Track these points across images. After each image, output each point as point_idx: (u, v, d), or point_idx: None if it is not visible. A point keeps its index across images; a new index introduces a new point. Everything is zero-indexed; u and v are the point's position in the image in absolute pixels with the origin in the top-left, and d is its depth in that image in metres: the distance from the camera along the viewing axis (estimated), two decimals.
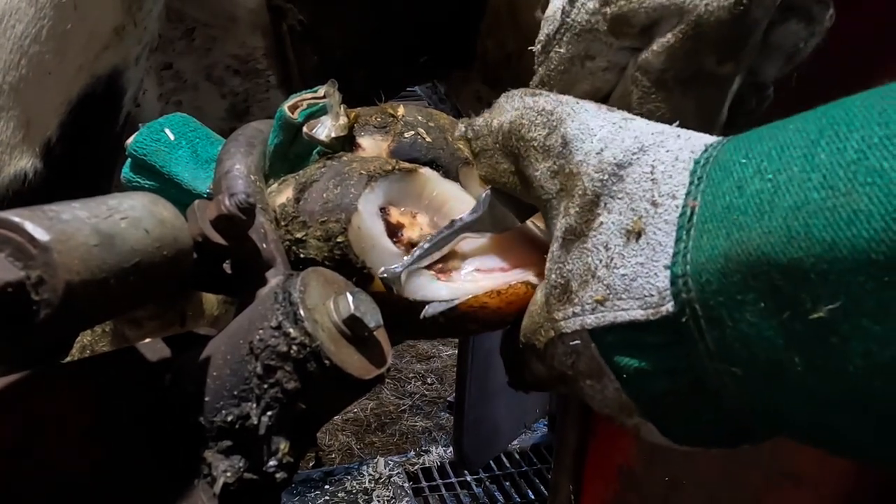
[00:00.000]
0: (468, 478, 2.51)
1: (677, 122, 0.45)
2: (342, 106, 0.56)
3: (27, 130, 0.69)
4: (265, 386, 0.37)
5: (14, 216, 0.31)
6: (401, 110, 0.58)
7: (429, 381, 3.33)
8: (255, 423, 0.37)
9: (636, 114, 0.49)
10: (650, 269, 0.38)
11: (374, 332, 0.40)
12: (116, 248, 0.34)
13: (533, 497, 2.41)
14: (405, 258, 0.49)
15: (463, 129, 0.54)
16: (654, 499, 0.98)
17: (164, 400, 0.40)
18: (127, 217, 0.35)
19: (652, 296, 0.38)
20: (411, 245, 0.51)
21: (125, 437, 0.39)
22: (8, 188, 0.68)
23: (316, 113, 0.55)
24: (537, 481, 2.47)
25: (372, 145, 0.56)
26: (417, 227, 0.52)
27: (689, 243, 0.37)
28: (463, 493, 2.45)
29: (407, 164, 0.53)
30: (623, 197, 0.41)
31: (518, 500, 2.41)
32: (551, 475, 1.29)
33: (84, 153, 0.77)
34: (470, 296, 0.50)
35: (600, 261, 0.41)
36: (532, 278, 0.50)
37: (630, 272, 0.39)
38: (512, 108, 0.49)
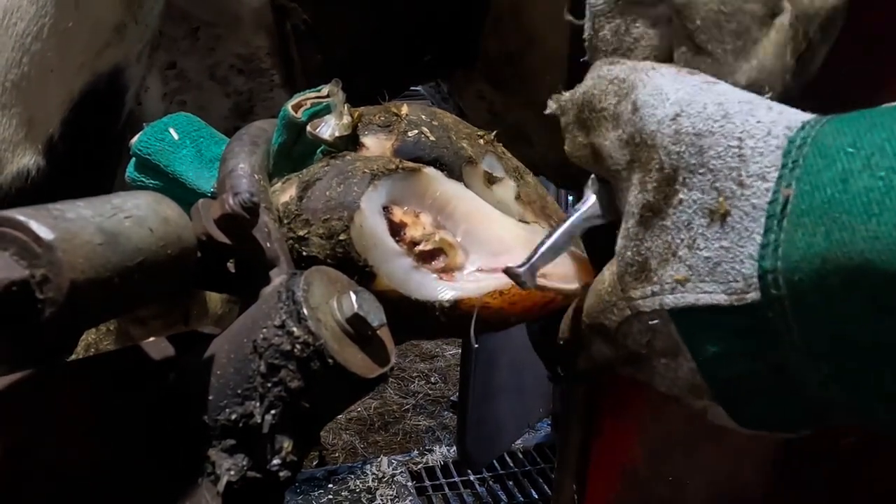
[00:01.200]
0: (471, 477, 2.51)
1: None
2: (346, 105, 0.56)
3: (30, 128, 0.69)
4: (269, 385, 0.37)
5: (19, 215, 0.31)
6: (404, 109, 0.58)
7: (432, 380, 3.32)
8: (259, 421, 0.37)
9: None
10: (735, 255, 0.36)
11: (378, 331, 0.40)
12: (121, 246, 0.34)
13: (536, 496, 2.40)
14: (530, 255, 0.48)
15: (552, 105, 0.51)
16: (658, 499, 0.98)
17: (167, 398, 0.40)
18: (131, 216, 0.36)
19: (737, 282, 0.36)
20: (413, 244, 0.51)
21: (129, 435, 0.39)
22: (11, 185, 0.69)
23: (320, 112, 0.56)
24: (541, 481, 2.47)
25: (375, 144, 0.56)
26: (420, 226, 0.52)
27: (780, 235, 0.35)
28: (466, 493, 2.45)
29: (410, 164, 0.53)
30: (705, 173, 0.38)
31: (521, 499, 2.40)
32: (554, 474, 1.29)
33: (86, 150, 0.77)
34: (472, 295, 0.50)
35: (682, 240, 0.39)
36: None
37: (714, 255, 0.37)
38: (589, 77, 0.47)
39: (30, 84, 0.67)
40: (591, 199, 0.48)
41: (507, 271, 0.47)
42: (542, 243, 0.48)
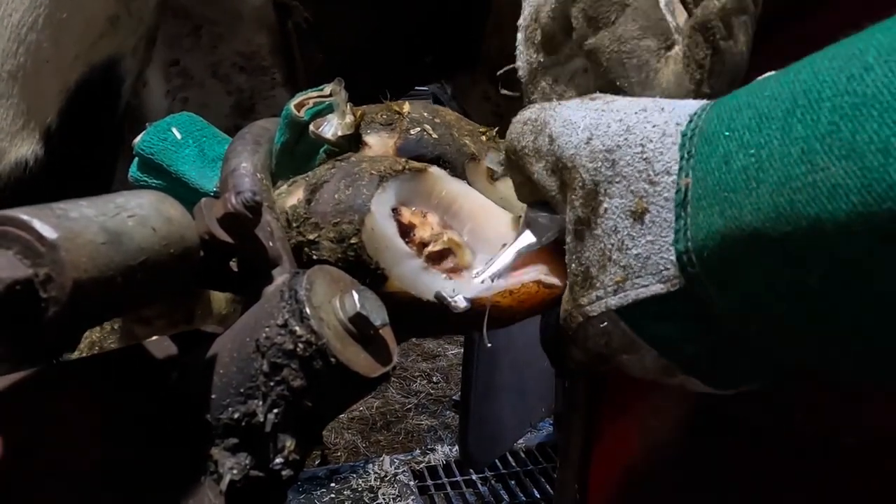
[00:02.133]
0: (473, 476, 2.51)
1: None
2: (348, 104, 0.56)
3: (27, 118, 0.69)
4: (271, 384, 0.37)
5: (22, 214, 0.31)
6: (406, 107, 0.58)
7: (434, 379, 3.33)
8: (262, 420, 0.37)
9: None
10: (661, 246, 0.40)
11: (380, 331, 0.40)
12: (124, 246, 0.34)
13: (538, 496, 2.40)
14: (475, 281, 0.51)
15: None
16: (661, 499, 0.98)
17: (170, 397, 0.40)
18: (134, 215, 0.36)
19: (668, 269, 0.40)
20: (423, 245, 0.51)
21: (132, 434, 0.39)
22: (10, 175, 0.69)
23: (322, 111, 0.56)
24: (543, 480, 2.47)
25: (378, 143, 0.56)
26: (428, 226, 0.52)
27: (687, 220, 0.39)
28: (468, 492, 2.45)
29: (416, 164, 0.53)
30: (620, 180, 0.42)
31: (523, 499, 2.40)
32: (557, 474, 1.29)
33: (84, 141, 0.77)
34: (483, 295, 0.50)
35: (612, 244, 0.42)
36: (543, 277, 0.51)
37: (643, 251, 0.41)
38: (508, 130, 0.51)
39: (26, 75, 0.68)
40: (526, 234, 0.52)
41: (439, 298, 0.49)
42: (482, 271, 0.52)
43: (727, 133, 0.37)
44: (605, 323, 0.44)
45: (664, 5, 0.52)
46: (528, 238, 0.52)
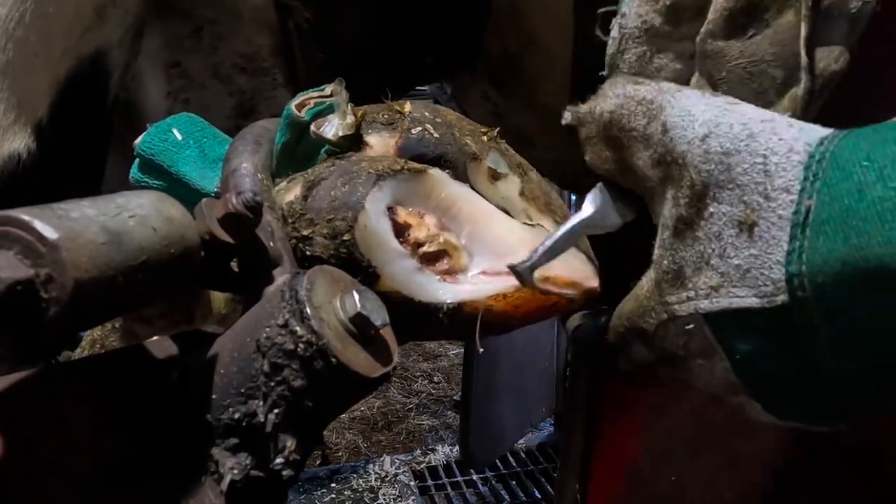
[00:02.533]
0: (474, 476, 2.50)
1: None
2: (349, 104, 0.56)
3: (18, 112, 0.69)
4: (272, 384, 0.37)
5: (23, 214, 0.31)
6: (407, 107, 0.58)
7: (435, 379, 3.32)
8: (262, 420, 0.37)
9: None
10: (764, 262, 0.39)
11: (381, 331, 0.40)
12: (124, 246, 0.34)
13: (539, 496, 2.40)
14: (531, 253, 0.49)
15: (568, 116, 0.53)
16: (661, 499, 0.98)
17: (171, 397, 0.40)
18: (135, 215, 0.36)
19: (767, 286, 0.39)
20: (418, 245, 0.51)
21: (133, 434, 0.39)
22: (3, 170, 0.69)
23: (323, 111, 0.55)
24: (543, 480, 2.47)
25: (379, 142, 0.56)
26: (425, 227, 0.52)
27: (804, 242, 0.38)
28: (469, 492, 2.44)
29: (416, 165, 0.53)
30: (733, 188, 0.41)
31: (524, 499, 2.40)
32: (557, 474, 1.29)
33: (74, 135, 0.78)
34: (475, 298, 0.50)
35: (713, 250, 0.42)
36: (539, 283, 0.50)
37: (744, 263, 0.40)
38: (614, 95, 0.49)
39: (16, 69, 0.68)
40: (590, 209, 0.50)
41: (511, 267, 0.48)
42: (541, 244, 0.49)
43: (865, 163, 0.36)
44: (691, 325, 0.44)
45: (803, 39, 0.50)
46: (594, 217, 0.50)
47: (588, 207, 0.51)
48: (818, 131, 0.40)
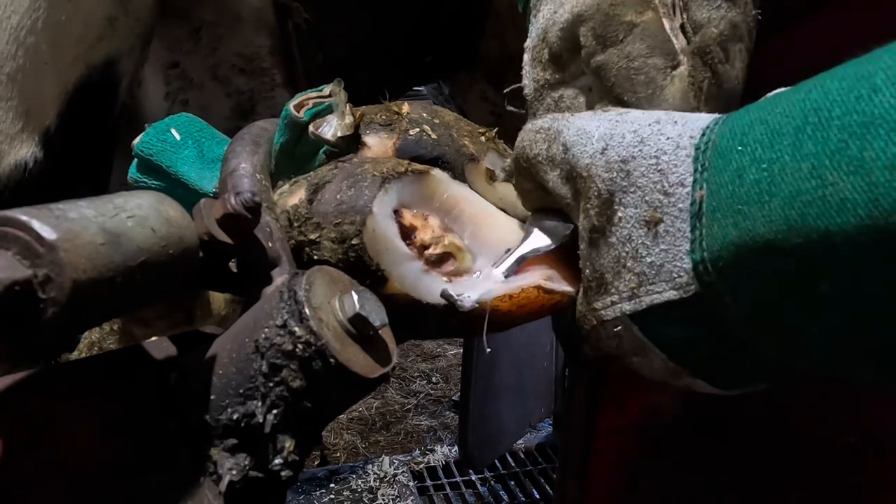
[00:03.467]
0: (473, 477, 2.51)
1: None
2: (348, 105, 0.56)
3: (26, 120, 0.69)
4: (271, 384, 0.37)
5: (21, 214, 0.31)
6: (405, 108, 0.58)
7: (434, 380, 3.32)
8: (261, 421, 0.37)
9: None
10: (675, 255, 0.42)
11: (380, 331, 0.40)
12: (123, 246, 0.34)
13: (538, 496, 2.40)
14: (477, 286, 0.51)
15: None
16: (660, 499, 0.98)
17: (169, 398, 0.40)
18: (133, 216, 0.36)
19: (681, 276, 0.41)
20: (424, 248, 0.51)
21: (131, 434, 0.39)
22: (9, 178, 0.69)
23: (321, 112, 0.55)
24: (542, 481, 2.47)
25: (377, 143, 0.56)
26: (429, 229, 0.52)
27: (702, 231, 0.40)
28: (468, 493, 2.44)
29: (419, 166, 0.53)
30: (635, 191, 0.43)
31: (523, 499, 2.40)
32: (556, 474, 1.29)
33: (82, 142, 0.77)
34: (482, 299, 0.50)
35: (626, 252, 0.44)
36: (542, 282, 0.50)
37: (656, 259, 0.43)
38: (518, 136, 0.53)
39: (25, 77, 0.68)
40: (534, 232, 0.53)
41: (445, 296, 0.49)
42: (498, 263, 0.52)
43: (740, 148, 0.38)
44: (619, 327, 0.46)
45: (669, 29, 0.54)
46: (539, 240, 0.53)
47: (529, 237, 0.53)
48: (701, 121, 0.43)
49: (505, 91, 0.65)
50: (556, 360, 2.48)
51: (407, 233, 0.51)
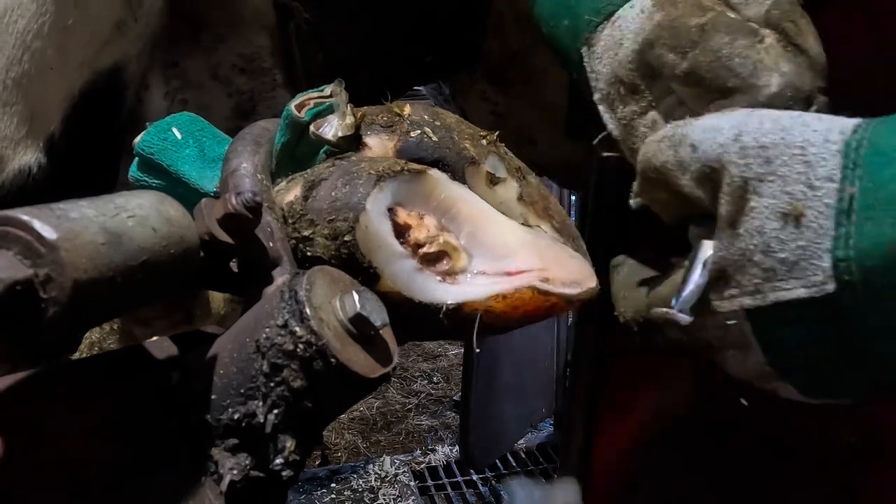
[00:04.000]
0: (474, 477, 2.50)
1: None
2: (349, 105, 0.56)
3: (31, 125, 0.69)
4: (271, 384, 0.37)
5: (22, 214, 0.31)
6: (407, 109, 0.58)
7: (435, 379, 3.32)
8: (262, 421, 0.37)
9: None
10: (814, 252, 0.40)
11: (381, 331, 0.40)
12: (124, 246, 0.34)
13: None
14: (677, 298, 0.49)
15: (636, 201, 0.56)
16: (661, 499, 0.98)
17: (170, 398, 0.40)
18: (134, 215, 0.36)
19: (816, 275, 0.39)
20: (418, 246, 0.51)
21: (132, 434, 0.39)
22: (12, 183, 0.68)
23: (323, 112, 0.55)
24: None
25: (378, 144, 0.56)
26: (425, 228, 0.52)
27: (850, 229, 0.38)
28: (469, 492, 2.44)
29: (416, 166, 0.53)
30: (774, 180, 0.41)
31: None
32: (557, 474, 1.29)
33: (87, 148, 0.77)
34: (475, 299, 0.50)
35: (755, 246, 0.42)
36: (538, 283, 0.50)
37: (791, 255, 0.40)
38: (641, 153, 0.51)
39: (31, 81, 0.67)
40: (706, 245, 0.49)
41: (667, 318, 0.48)
42: (684, 283, 0.49)
43: None
44: (733, 320, 0.44)
45: (734, 14, 0.53)
46: (708, 248, 0.49)
47: (702, 249, 0.49)
48: (849, 121, 0.41)
49: (594, 142, 0.63)
50: (557, 360, 2.48)
51: (401, 231, 0.51)
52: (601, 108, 0.61)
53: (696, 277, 0.49)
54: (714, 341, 0.47)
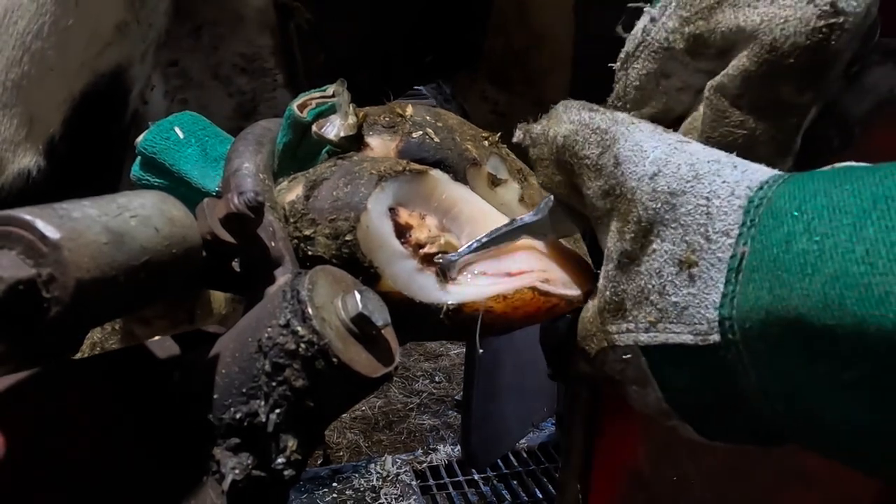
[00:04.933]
0: (476, 476, 2.51)
1: (738, 148, 0.46)
2: (351, 105, 0.56)
3: (31, 128, 0.68)
4: (273, 384, 0.37)
5: (25, 214, 0.31)
6: (409, 110, 0.58)
7: (437, 379, 3.32)
8: (264, 420, 0.37)
9: (707, 138, 0.51)
10: (701, 301, 0.41)
11: (382, 331, 0.41)
12: (126, 246, 0.34)
13: (540, 496, 2.40)
14: (461, 248, 0.52)
15: (521, 135, 0.54)
16: (662, 498, 0.98)
17: (173, 397, 0.40)
18: (137, 215, 0.36)
19: (702, 324, 0.40)
20: (419, 246, 0.51)
21: (134, 434, 0.39)
22: (12, 186, 0.68)
23: (324, 112, 0.56)
24: (545, 480, 2.47)
25: (380, 145, 0.56)
26: (426, 228, 0.52)
27: (736, 287, 0.39)
28: (470, 492, 2.45)
29: (417, 166, 0.53)
30: (677, 227, 0.42)
31: (525, 498, 2.40)
32: (559, 474, 1.29)
33: (89, 151, 0.76)
34: (476, 299, 0.50)
35: (653, 286, 0.43)
36: (538, 284, 0.50)
37: (682, 301, 0.42)
38: (568, 120, 0.49)
39: (30, 83, 0.67)
40: (532, 216, 0.53)
41: (436, 259, 0.51)
42: (475, 240, 0.52)
43: (796, 213, 0.37)
44: (628, 355, 0.45)
45: (805, 123, 0.52)
46: (539, 224, 0.53)
47: (532, 214, 0.53)
48: (762, 173, 0.41)
49: (629, 5, 0.56)
50: None
51: (402, 231, 0.51)
52: None
53: (504, 231, 0.52)
54: (615, 375, 0.48)
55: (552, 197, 0.53)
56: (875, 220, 0.33)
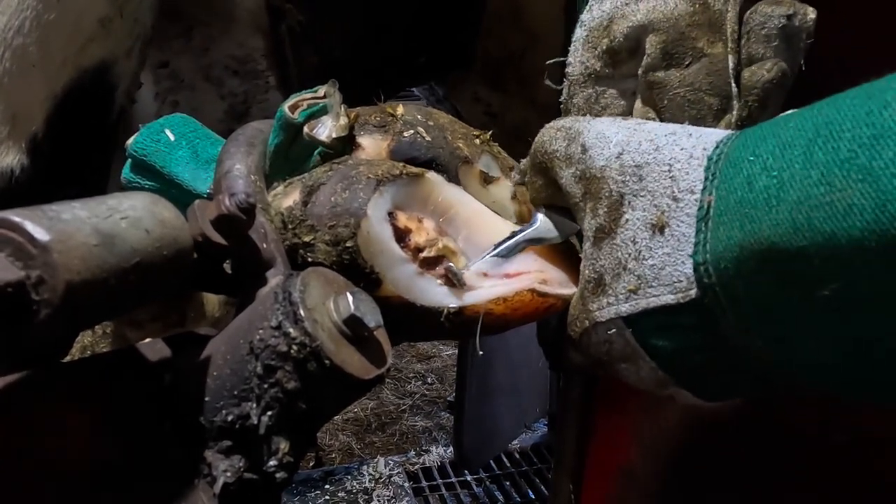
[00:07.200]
0: (468, 477, 2.50)
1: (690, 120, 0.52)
2: (342, 106, 0.56)
3: (13, 125, 0.67)
4: (265, 386, 0.37)
5: (14, 216, 0.31)
6: (400, 109, 0.58)
7: (429, 380, 3.32)
8: (255, 422, 0.37)
9: (662, 113, 0.55)
10: (676, 259, 0.43)
11: (375, 332, 0.40)
12: (117, 248, 0.34)
13: (533, 497, 2.40)
14: (472, 262, 0.53)
15: (517, 177, 0.59)
16: (656, 498, 0.98)
17: (164, 400, 0.40)
18: (127, 217, 0.35)
19: (680, 281, 0.42)
20: (418, 250, 0.51)
21: (125, 437, 0.38)
22: None
23: (316, 113, 0.55)
24: (537, 481, 2.47)
25: (372, 145, 0.56)
26: (424, 231, 0.52)
27: (707, 234, 0.42)
28: (463, 493, 2.44)
29: (414, 169, 0.53)
30: (645, 195, 0.45)
31: (518, 499, 2.40)
32: (551, 475, 1.29)
33: (74, 149, 0.75)
34: (476, 302, 0.50)
35: (629, 254, 0.45)
36: (537, 286, 0.51)
37: (658, 262, 0.44)
38: (539, 134, 0.54)
39: (12, 80, 0.66)
40: (538, 221, 0.55)
41: (448, 269, 0.51)
42: (486, 254, 0.53)
43: (751, 158, 0.40)
44: (612, 330, 0.47)
45: (732, 68, 0.55)
46: (546, 230, 0.54)
47: (534, 223, 0.55)
48: (716, 135, 0.45)
49: (548, 63, 0.64)
50: None
51: (401, 235, 0.51)
52: (578, 33, 0.62)
53: (512, 243, 0.53)
54: (602, 356, 0.49)
55: (541, 209, 0.55)
56: (822, 146, 0.36)
